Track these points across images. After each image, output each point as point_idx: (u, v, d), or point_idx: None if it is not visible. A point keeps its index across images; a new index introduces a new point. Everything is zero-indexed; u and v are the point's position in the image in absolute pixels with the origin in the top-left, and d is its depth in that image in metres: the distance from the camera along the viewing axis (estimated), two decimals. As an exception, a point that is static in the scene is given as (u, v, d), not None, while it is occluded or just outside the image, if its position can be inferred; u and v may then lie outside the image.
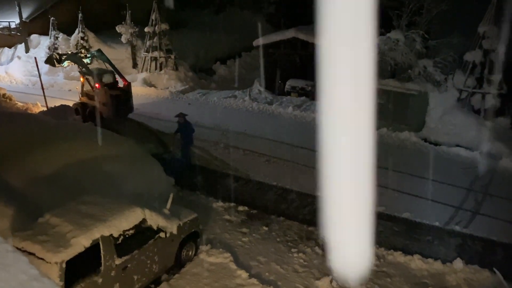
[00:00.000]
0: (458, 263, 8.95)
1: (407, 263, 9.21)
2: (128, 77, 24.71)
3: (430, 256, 9.26)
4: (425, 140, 15.68)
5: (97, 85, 16.23)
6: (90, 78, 16.44)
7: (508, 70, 16.38)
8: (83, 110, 16.45)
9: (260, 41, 23.14)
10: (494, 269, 7.83)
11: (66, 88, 23.63)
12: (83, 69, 16.49)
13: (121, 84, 16.98)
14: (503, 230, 10.15)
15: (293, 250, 9.49)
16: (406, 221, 10.57)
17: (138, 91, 22.78)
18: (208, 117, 18.21)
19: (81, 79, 17.17)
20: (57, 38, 27.24)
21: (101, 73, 16.68)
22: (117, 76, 17.04)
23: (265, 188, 12.27)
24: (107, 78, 16.47)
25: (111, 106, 15.98)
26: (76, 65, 17.32)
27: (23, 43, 28.42)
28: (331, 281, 8.41)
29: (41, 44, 28.42)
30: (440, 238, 9.96)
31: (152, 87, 23.45)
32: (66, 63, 17.14)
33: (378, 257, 9.39)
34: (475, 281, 8.58)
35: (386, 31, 17.18)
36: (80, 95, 17.12)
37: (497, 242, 9.75)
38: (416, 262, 9.18)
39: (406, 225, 10.45)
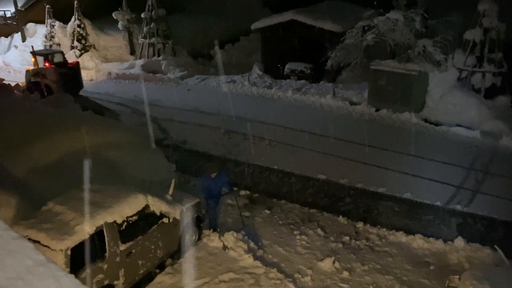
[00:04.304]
0: (460, 242, 9.03)
1: (409, 242, 9.29)
2: (126, 64, 24.68)
3: (432, 236, 9.34)
4: (426, 121, 15.65)
5: (46, 64, 17.84)
6: (40, 58, 18.22)
7: (508, 48, 16.24)
8: (37, 88, 17.36)
9: (258, 25, 22.91)
10: (495, 246, 7.89)
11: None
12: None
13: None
14: (504, 208, 10.21)
15: (295, 232, 9.57)
16: (408, 201, 10.63)
17: (136, 77, 22.72)
18: (207, 103, 18.17)
19: (33, 59, 18.80)
20: (53, 26, 26.98)
21: (51, 53, 18.56)
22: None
23: (266, 172, 12.31)
24: (57, 58, 18.32)
25: (60, 83, 17.36)
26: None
27: (19, 32, 28.19)
28: (333, 262, 8.51)
29: (38, 33, 28.18)
30: (441, 218, 10.03)
31: (150, 73, 23.31)
32: None
33: (380, 237, 9.48)
34: (477, 259, 8.67)
35: (385, 11, 16.98)
36: (33, 74, 18.14)
37: (498, 220, 9.83)
38: (417, 242, 9.26)
39: (407, 205, 10.51)
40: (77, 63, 19.26)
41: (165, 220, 8.13)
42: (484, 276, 6.41)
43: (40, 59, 18.40)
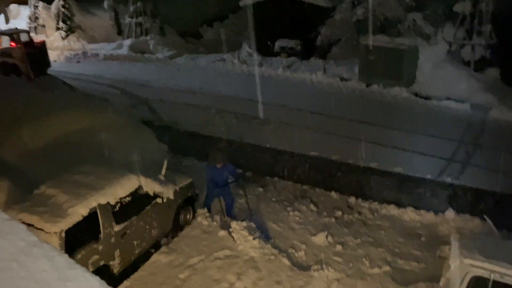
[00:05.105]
0: (450, 213, 9.20)
1: (400, 215, 9.45)
2: (113, 45, 24.30)
3: (423, 208, 9.49)
4: (416, 95, 15.69)
5: (12, 43, 17.70)
6: (5, 38, 18.03)
7: (497, 20, 16.21)
8: (5, 69, 17.01)
9: (247, 1, 22.59)
10: (485, 216, 8.06)
11: (51, 58, 23.12)
12: None
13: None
14: (493, 179, 10.34)
15: (288, 208, 9.67)
16: (399, 175, 10.72)
17: (125, 58, 22.40)
18: (197, 82, 18.00)
19: None
20: (36, 7, 26.36)
21: (16, 32, 18.39)
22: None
23: (258, 150, 12.31)
24: (22, 37, 18.20)
25: (28, 63, 17.15)
26: None
27: (2, 14, 27.51)
28: (327, 236, 8.64)
29: (22, 14, 27.54)
30: (432, 190, 10.16)
31: (138, 53, 22.99)
32: None
33: (372, 211, 9.62)
34: (466, 229, 8.86)
35: (374, -15, 16.82)
36: None
37: (487, 191, 9.97)
38: (409, 214, 9.43)
39: (398, 179, 10.61)
40: (43, 42, 19.38)
41: (159, 200, 8.17)
42: (474, 245, 6.55)
43: (5, 38, 18.19)
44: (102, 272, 7.02)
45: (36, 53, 18.04)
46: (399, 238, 8.83)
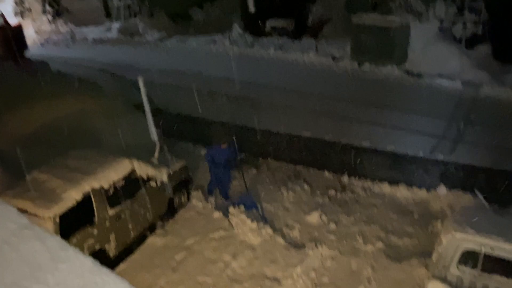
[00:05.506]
0: (442, 190, 9.29)
1: (393, 193, 9.54)
2: (102, 28, 23.94)
3: (415, 185, 9.57)
4: (408, 73, 15.66)
5: None
6: None
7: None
8: None
9: (236, -19, 22.20)
10: (476, 191, 8.15)
11: (39, 42, 22.76)
12: None
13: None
14: (484, 155, 10.44)
15: (282, 189, 9.72)
16: (391, 153, 10.77)
17: (114, 41, 22.09)
18: (188, 64, 17.83)
19: None
20: (22, -10, 25.76)
21: None
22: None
23: (252, 131, 12.29)
24: None
25: (4, 45, 17.04)
26: None
27: (-14, -1, 26.90)
28: (320, 215, 8.71)
29: (6, -2, 26.92)
30: (424, 168, 10.24)
31: (128, 36, 22.65)
32: None
33: (364, 189, 9.69)
34: (458, 205, 8.95)
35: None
36: None
37: (478, 167, 10.06)
38: (401, 192, 9.51)
39: (391, 157, 10.67)
40: (20, 25, 19.21)
41: (153, 183, 8.17)
42: (465, 220, 6.65)
43: None
44: (98, 256, 7.06)
45: (13, 36, 17.63)
46: (392, 215, 8.93)
